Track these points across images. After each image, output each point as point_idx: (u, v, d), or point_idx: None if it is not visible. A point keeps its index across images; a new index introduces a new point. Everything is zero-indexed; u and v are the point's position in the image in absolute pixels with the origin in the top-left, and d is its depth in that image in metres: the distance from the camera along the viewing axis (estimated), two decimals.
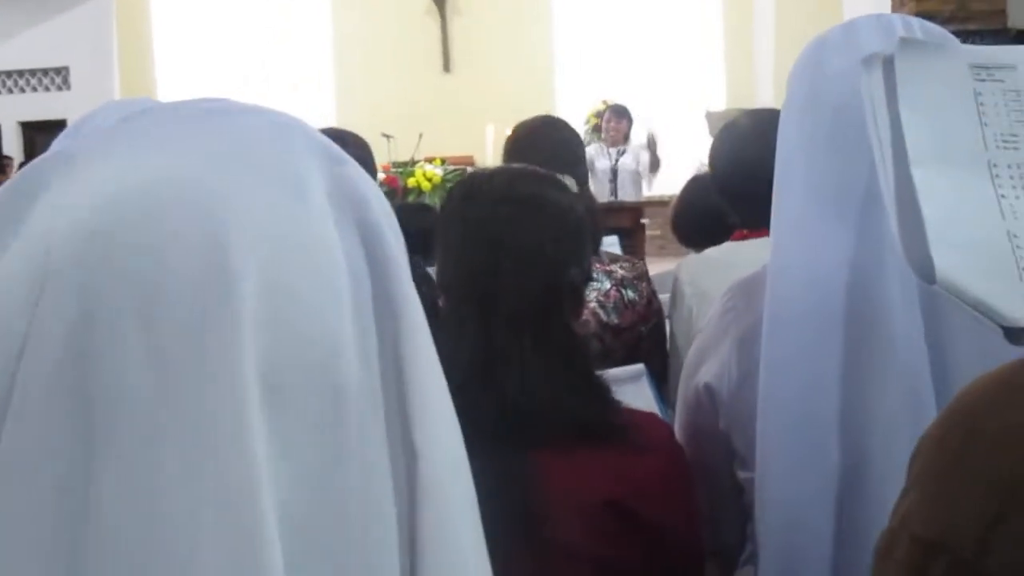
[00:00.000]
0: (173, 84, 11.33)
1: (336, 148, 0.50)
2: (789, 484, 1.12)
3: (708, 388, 1.33)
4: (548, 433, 1.16)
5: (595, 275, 1.83)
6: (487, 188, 1.30)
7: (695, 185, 2.79)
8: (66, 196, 0.44)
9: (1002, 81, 0.86)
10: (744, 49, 11.14)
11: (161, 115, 0.50)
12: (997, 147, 0.83)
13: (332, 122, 9.39)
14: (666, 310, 2.27)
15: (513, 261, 1.21)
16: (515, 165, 1.37)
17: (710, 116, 8.38)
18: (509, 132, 2.56)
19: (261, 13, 11.60)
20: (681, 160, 7.73)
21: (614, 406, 1.22)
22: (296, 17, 11.64)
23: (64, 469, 0.40)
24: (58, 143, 1.34)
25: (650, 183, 7.66)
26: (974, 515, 0.60)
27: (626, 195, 7.17)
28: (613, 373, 1.41)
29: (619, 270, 2.18)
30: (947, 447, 0.66)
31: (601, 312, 2.09)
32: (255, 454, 0.41)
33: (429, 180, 7.24)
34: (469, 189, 1.33)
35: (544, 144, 2.31)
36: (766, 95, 10.03)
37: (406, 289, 0.48)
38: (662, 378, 2.06)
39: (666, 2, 11.37)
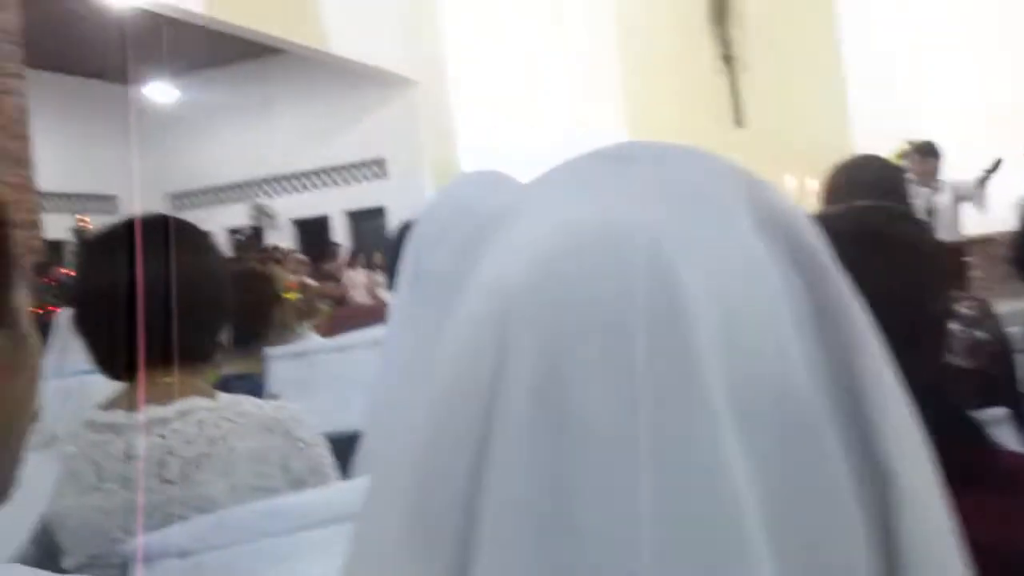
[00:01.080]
0: (477, 166, 11.92)
1: (753, 173, 0.50)
2: None
3: None
4: None
5: None
6: (835, 227, 1.27)
7: None
8: (515, 241, 0.47)
9: None
10: None
11: (584, 165, 0.52)
12: None
13: None
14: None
15: (870, 300, 1.18)
16: (859, 202, 1.33)
17: None
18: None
19: (554, 91, 12.03)
20: (1003, 193, 7.17)
21: (992, 447, 1.14)
22: (589, 91, 11.96)
23: (541, 492, 0.41)
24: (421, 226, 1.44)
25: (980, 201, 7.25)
26: None
27: (944, 235, 6.74)
28: None
29: (964, 309, 2.05)
30: None
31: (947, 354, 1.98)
32: (736, 480, 0.40)
33: None
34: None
35: (863, 183, 2.23)
36: None
37: (846, 301, 0.48)
38: (1019, 424, 1.90)
39: (965, 30, 10.66)
